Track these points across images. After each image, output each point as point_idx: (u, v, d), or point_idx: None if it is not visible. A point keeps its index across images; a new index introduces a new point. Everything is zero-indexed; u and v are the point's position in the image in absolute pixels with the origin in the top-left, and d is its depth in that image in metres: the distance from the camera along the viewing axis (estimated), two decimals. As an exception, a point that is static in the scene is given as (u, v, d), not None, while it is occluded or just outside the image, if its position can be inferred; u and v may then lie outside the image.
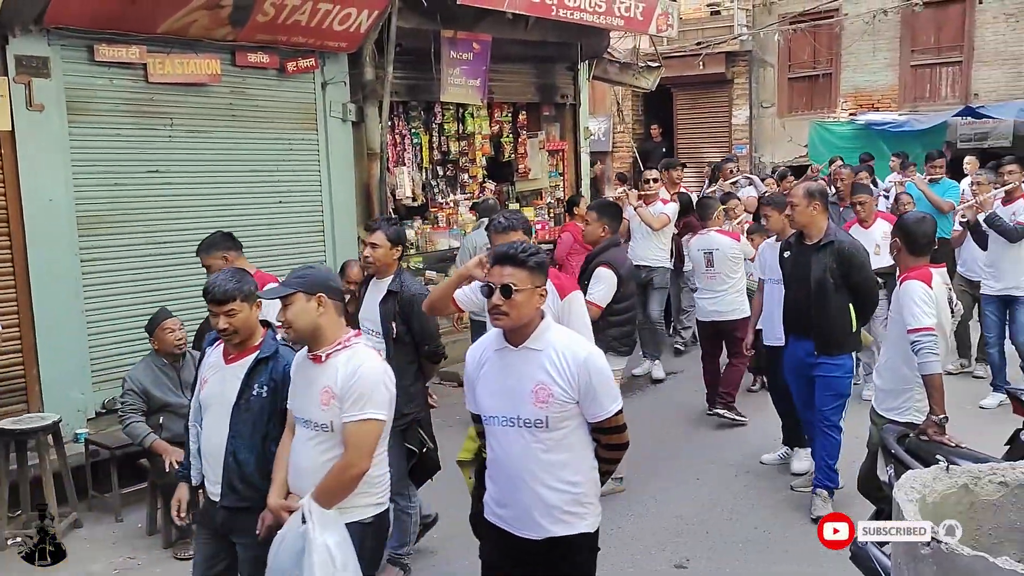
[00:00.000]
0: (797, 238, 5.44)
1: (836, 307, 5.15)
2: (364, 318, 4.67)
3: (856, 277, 5.15)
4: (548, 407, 2.97)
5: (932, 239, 4.56)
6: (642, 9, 9.17)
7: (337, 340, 3.21)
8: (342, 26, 7.19)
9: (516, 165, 10.32)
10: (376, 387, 3.14)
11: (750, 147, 17.06)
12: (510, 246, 3.06)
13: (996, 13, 14.36)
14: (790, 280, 5.47)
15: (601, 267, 5.56)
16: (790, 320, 5.49)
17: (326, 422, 3.14)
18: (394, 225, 4.70)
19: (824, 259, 5.16)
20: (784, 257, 5.55)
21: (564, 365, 2.97)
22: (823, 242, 5.20)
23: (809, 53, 16.54)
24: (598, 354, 3.08)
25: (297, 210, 7.54)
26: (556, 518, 3.03)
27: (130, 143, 6.47)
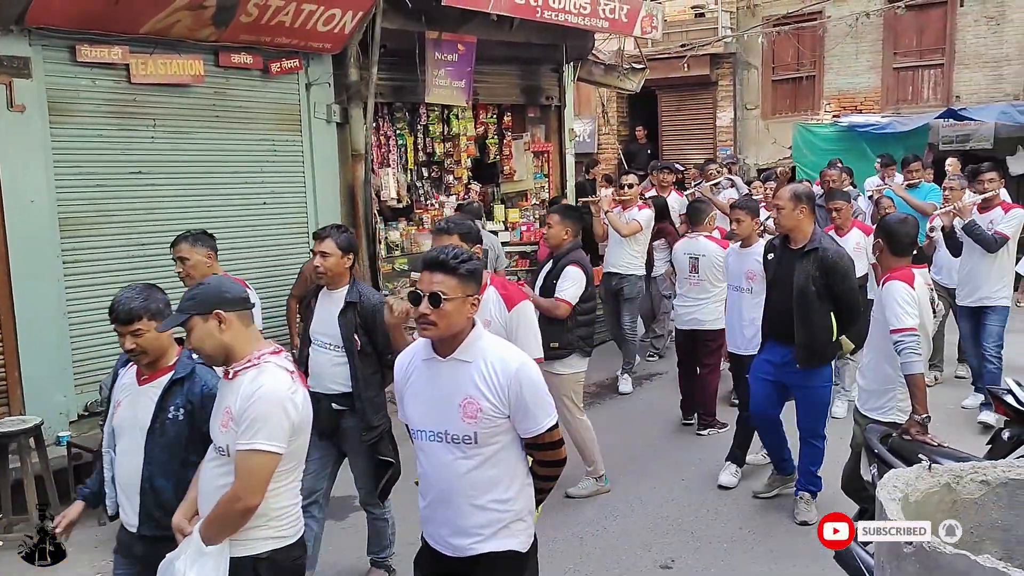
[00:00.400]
0: (782, 241, 5.35)
1: (819, 317, 5.05)
2: (319, 332, 4.50)
3: (840, 286, 5.04)
4: (477, 422, 2.83)
5: (914, 240, 4.60)
6: (626, 11, 9.19)
7: (248, 356, 2.96)
8: (326, 27, 7.16)
9: (501, 167, 10.32)
10: (273, 415, 2.83)
11: (734, 149, 17.11)
12: (441, 251, 2.90)
13: (977, 16, 14.47)
14: (773, 284, 5.38)
15: (571, 266, 5.60)
16: (771, 324, 5.38)
17: (223, 445, 2.91)
18: (344, 232, 4.53)
19: (808, 266, 5.05)
20: (768, 259, 5.45)
21: (494, 378, 2.82)
22: (808, 248, 5.10)
23: (793, 55, 16.63)
24: (531, 366, 2.91)
25: (281, 212, 7.51)
26: (485, 537, 2.89)
27: (112, 144, 6.43)
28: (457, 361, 2.87)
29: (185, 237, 4.88)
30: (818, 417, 5.30)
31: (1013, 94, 14.20)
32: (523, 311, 4.38)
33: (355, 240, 4.69)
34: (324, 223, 7.56)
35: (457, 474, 2.86)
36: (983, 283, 6.90)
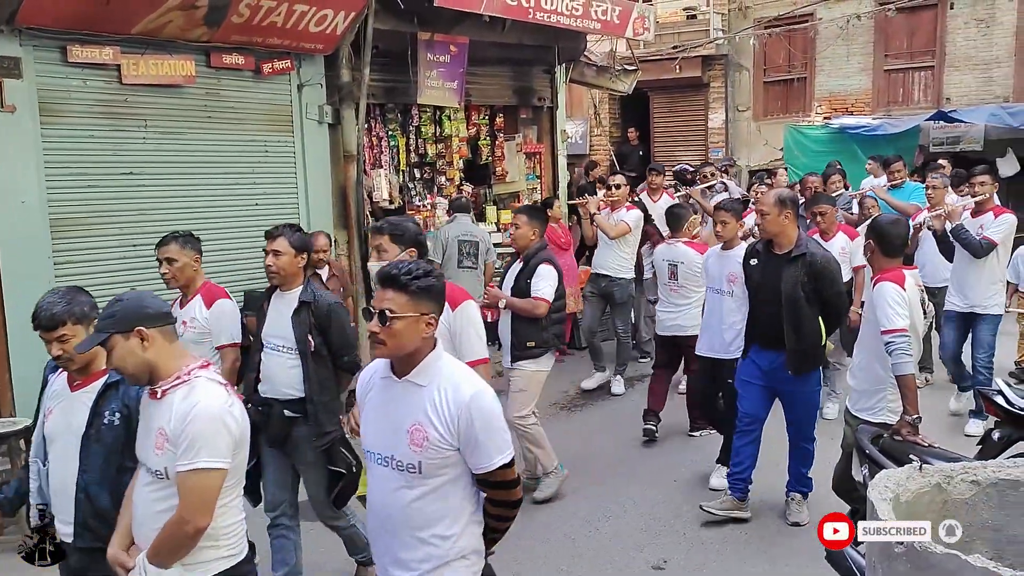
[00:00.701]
0: (766, 247, 5.23)
1: (808, 322, 5.00)
2: (272, 335, 4.37)
3: (828, 291, 5.01)
4: (423, 451, 2.64)
5: (906, 241, 4.63)
6: (619, 13, 9.21)
7: (175, 373, 2.79)
8: (318, 28, 7.16)
9: (493, 168, 10.33)
10: (213, 431, 2.70)
11: (726, 150, 17.15)
12: (394, 266, 2.72)
13: (967, 19, 14.54)
14: (758, 290, 5.25)
15: (543, 264, 5.62)
16: (758, 332, 5.27)
17: (160, 468, 2.74)
18: (297, 231, 4.42)
19: (795, 272, 4.97)
20: (751, 264, 5.32)
21: (445, 406, 2.63)
22: (794, 253, 5.02)
23: (784, 57, 16.67)
24: (487, 397, 2.68)
25: (273, 212, 7.48)
26: (423, 572, 2.70)
27: (104, 144, 6.42)
28: (411, 384, 2.70)
29: (175, 238, 4.74)
30: (808, 421, 5.28)
31: (1003, 96, 14.27)
32: (467, 311, 4.18)
33: (309, 240, 4.65)
34: (316, 224, 7.61)
35: (401, 503, 2.70)
36: (973, 289, 6.73)
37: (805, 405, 5.24)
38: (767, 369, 5.19)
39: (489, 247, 8.63)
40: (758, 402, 5.32)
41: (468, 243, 8.36)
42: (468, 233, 8.41)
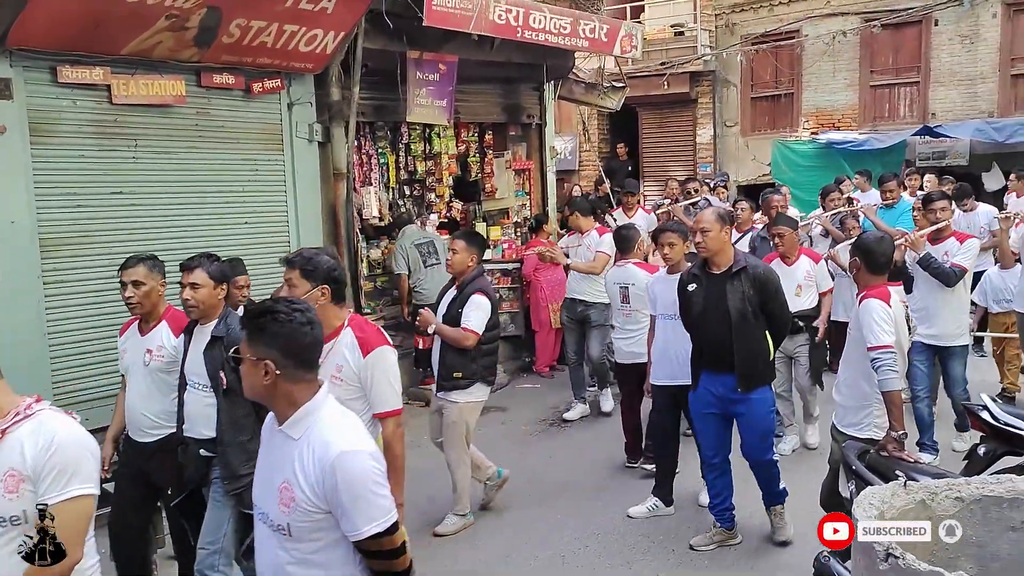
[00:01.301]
0: (703, 269, 5.07)
1: (757, 337, 4.94)
2: (190, 371, 4.22)
3: (773, 303, 4.94)
4: (291, 512, 2.43)
5: (891, 258, 4.67)
6: (606, 31, 9.28)
7: (12, 410, 2.56)
8: (308, 47, 7.20)
9: (483, 184, 10.37)
10: (80, 457, 2.52)
11: (714, 166, 17.25)
12: (261, 303, 2.58)
13: (951, 35, 14.71)
14: (702, 315, 5.02)
15: (476, 294, 5.46)
16: (707, 357, 5.08)
17: (17, 513, 2.49)
18: (216, 261, 4.25)
19: (740, 287, 4.87)
20: (689, 291, 5.10)
21: (311, 465, 2.41)
22: (735, 269, 4.92)
23: (771, 73, 16.81)
24: (356, 457, 2.42)
25: (263, 231, 7.50)
26: None
27: (94, 164, 6.42)
28: (285, 435, 2.51)
29: (141, 260, 4.49)
30: (765, 442, 5.13)
31: (987, 111, 14.42)
32: (380, 357, 3.73)
33: (228, 269, 4.46)
34: (306, 242, 7.62)
35: (278, 564, 2.51)
36: (941, 320, 6.34)
37: (758, 427, 5.07)
38: (721, 395, 5.03)
39: (444, 243, 8.74)
40: (720, 433, 5.20)
41: (424, 244, 8.76)
42: (420, 236, 8.86)
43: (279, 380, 2.46)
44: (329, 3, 6.84)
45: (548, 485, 6.46)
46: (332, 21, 7.09)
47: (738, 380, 4.92)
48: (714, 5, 17.03)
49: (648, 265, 6.68)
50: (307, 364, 2.52)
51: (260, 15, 6.60)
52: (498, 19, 7.99)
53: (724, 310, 4.87)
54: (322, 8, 6.84)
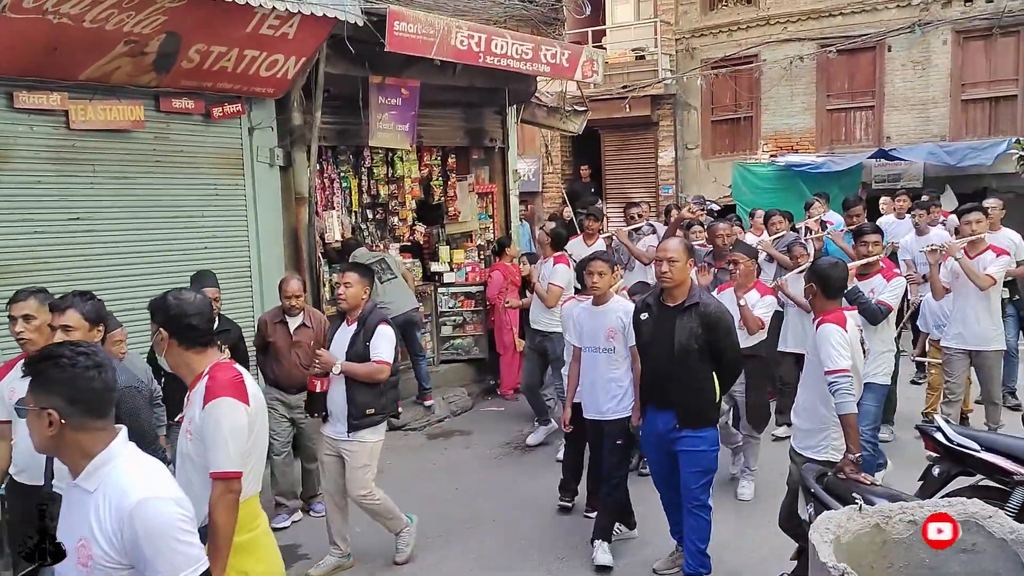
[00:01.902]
0: (657, 299, 4.91)
1: (701, 375, 4.74)
2: None
3: (723, 343, 4.75)
4: (91, 572, 2.28)
5: (845, 283, 4.78)
6: (568, 56, 9.37)
7: None
8: (269, 72, 7.19)
9: (446, 208, 10.39)
10: None
11: (676, 187, 17.44)
12: (43, 348, 2.44)
13: (904, 61, 15.03)
14: (650, 345, 4.89)
15: (382, 324, 5.31)
16: (650, 391, 4.95)
17: None
18: (90, 300, 3.96)
19: (689, 323, 4.71)
20: (642, 320, 4.97)
21: (107, 517, 2.25)
22: (687, 303, 4.75)
23: (731, 97, 17.05)
24: (158, 504, 2.25)
25: (223, 256, 7.45)
26: None
27: (51, 190, 6.36)
28: (80, 489, 2.33)
29: (34, 292, 4.21)
30: (704, 484, 4.85)
31: (940, 135, 14.74)
32: (217, 410, 3.17)
33: (103, 308, 4.08)
34: (267, 267, 7.60)
35: None
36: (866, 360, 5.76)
37: (697, 465, 4.81)
38: (664, 430, 4.86)
39: (396, 259, 9.04)
40: (667, 467, 4.99)
41: (376, 263, 8.65)
42: (371, 256, 8.76)
43: (65, 430, 2.29)
44: (290, 29, 6.84)
45: (512, 509, 6.45)
46: (293, 46, 7.10)
47: (676, 417, 4.77)
48: (674, 30, 17.26)
49: (580, 299, 6.22)
50: (96, 411, 2.34)
51: (220, 41, 6.60)
52: (460, 45, 8.04)
53: (669, 344, 4.73)
54: (283, 34, 6.85)
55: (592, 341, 5.50)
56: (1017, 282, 8.33)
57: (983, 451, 4.70)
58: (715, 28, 16.94)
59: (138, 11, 5.91)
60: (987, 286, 6.58)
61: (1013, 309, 8.31)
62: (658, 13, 17.35)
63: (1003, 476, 4.59)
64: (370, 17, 7.35)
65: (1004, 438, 4.89)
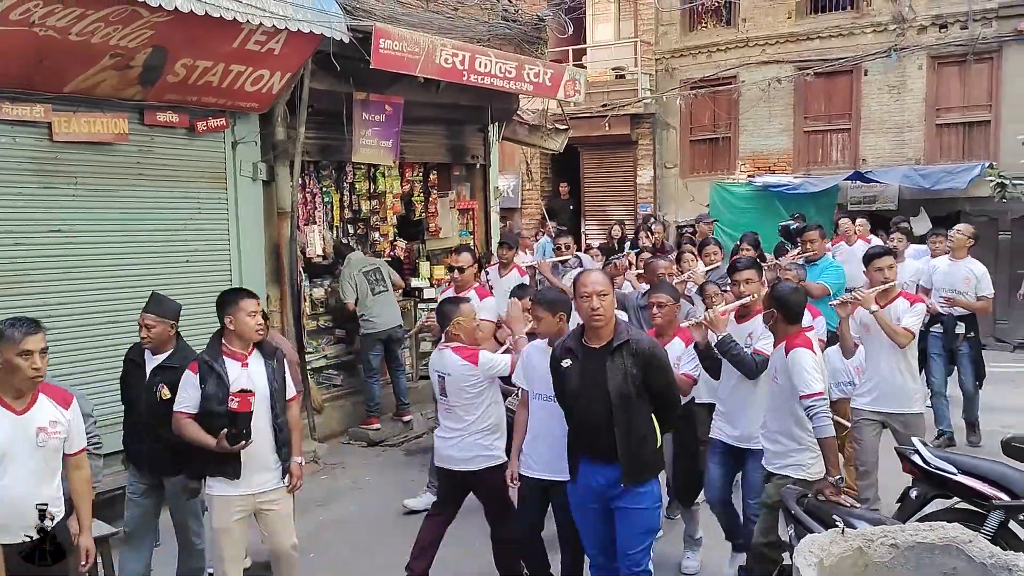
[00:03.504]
0: (579, 341, 4.28)
1: (643, 421, 4.18)
2: None
3: (660, 381, 4.20)
4: None
5: (804, 307, 4.86)
6: (550, 75, 9.44)
7: None
8: (254, 87, 7.20)
9: (427, 223, 10.43)
10: None
11: (654, 206, 17.55)
12: None
13: (880, 85, 15.25)
14: (579, 394, 4.21)
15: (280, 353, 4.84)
16: (583, 443, 4.28)
17: None
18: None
19: (622, 363, 4.12)
20: (563, 368, 4.27)
21: None
22: (616, 343, 4.16)
23: (709, 117, 17.21)
24: None
25: (205, 269, 7.43)
26: None
27: (32, 202, 6.31)
28: None
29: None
30: (645, 548, 4.30)
31: (915, 158, 14.94)
32: None
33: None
34: (248, 281, 7.58)
35: None
36: (745, 416, 5.12)
37: (639, 525, 4.26)
38: (602, 488, 4.25)
39: (389, 269, 8.95)
40: (603, 529, 4.38)
41: (371, 271, 8.70)
42: (367, 263, 8.79)
43: None
44: (276, 45, 6.86)
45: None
46: (279, 62, 7.12)
47: (622, 472, 4.15)
48: (654, 50, 17.41)
49: (466, 349, 5.17)
50: None
51: (206, 55, 6.60)
52: (444, 63, 8.09)
53: (604, 390, 4.11)
54: (269, 50, 6.87)
55: (542, 387, 4.68)
56: (977, 319, 8.10)
57: (960, 474, 4.78)
58: (695, 49, 17.10)
59: (125, 25, 5.91)
60: (906, 343, 5.66)
61: (967, 347, 7.95)
62: (638, 33, 17.51)
63: (980, 499, 4.66)
64: (355, 34, 7.38)
65: (981, 462, 4.96)
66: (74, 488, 4.01)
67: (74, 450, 4.00)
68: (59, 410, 3.90)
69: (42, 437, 3.77)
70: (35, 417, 3.79)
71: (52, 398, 3.91)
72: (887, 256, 5.96)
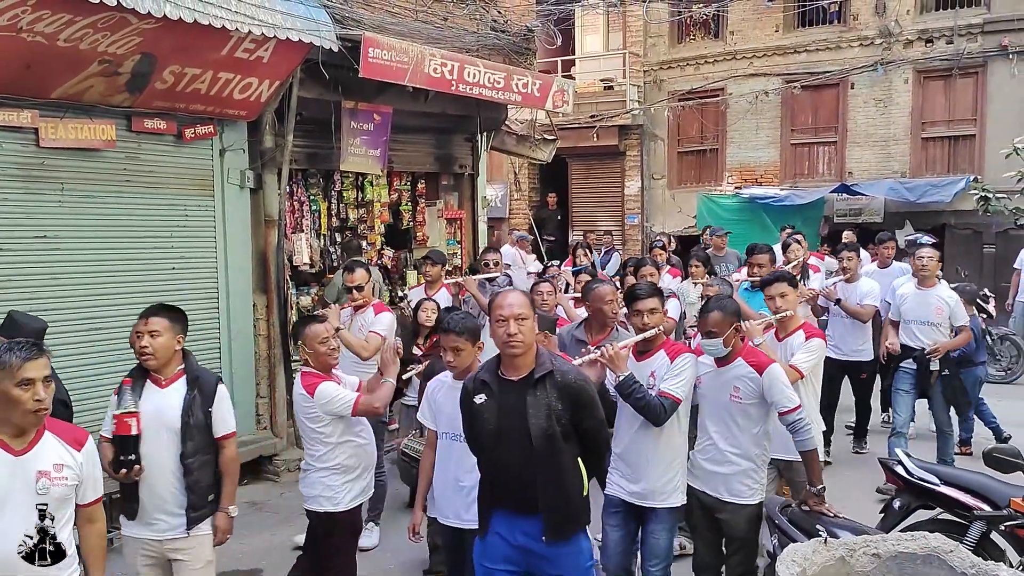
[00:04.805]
0: (494, 372, 3.71)
1: (568, 466, 3.61)
2: None
3: (588, 420, 3.62)
4: None
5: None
6: (539, 86, 9.47)
7: None
8: (242, 95, 7.20)
9: (414, 233, 10.42)
10: None
11: (642, 217, 17.63)
12: None
13: (866, 98, 15.39)
14: (495, 435, 3.64)
15: (220, 384, 4.26)
16: (499, 492, 3.70)
17: None
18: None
19: (545, 399, 3.55)
20: (476, 404, 3.70)
21: None
22: (538, 374, 3.59)
23: (697, 129, 17.33)
24: None
25: (191, 276, 7.41)
26: None
27: (17, 207, 6.28)
28: None
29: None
30: None
31: (900, 171, 15.08)
32: None
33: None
34: (235, 289, 7.58)
35: None
36: (648, 469, 4.39)
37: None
38: (520, 544, 3.65)
39: (382, 286, 8.71)
40: None
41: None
42: None
43: None
44: (265, 53, 6.87)
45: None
46: (267, 70, 7.12)
47: (544, 526, 3.57)
48: (642, 62, 17.52)
49: (314, 376, 4.64)
50: None
51: (195, 63, 6.60)
52: (433, 72, 8.10)
53: (523, 430, 3.55)
54: (258, 57, 6.87)
55: (452, 427, 4.18)
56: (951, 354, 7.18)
57: (942, 485, 4.81)
58: (682, 61, 17.23)
59: (113, 31, 5.90)
60: (792, 381, 4.68)
61: (940, 386, 7.19)
62: (627, 45, 17.61)
63: (962, 510, 4.69)
64: (345, 43, 7.40)
65: (963, 473, 5.00)
66: (86, 545, 3.43)
67: (87, 500, 3.40)
68: (68, 451, 3.31)
69: (43, 483, 3.19)
70: (36, 459, 3.22)
71: (60, 436, 3.33)
72: (779, 283, 5.41)
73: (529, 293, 3.87)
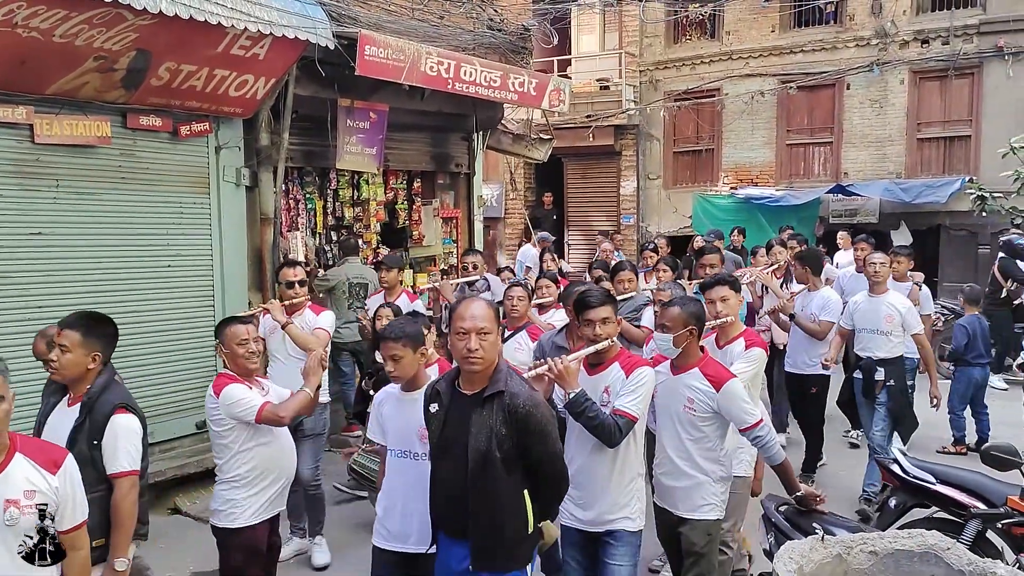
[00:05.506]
0: (451, 384, 3.53)
1: (505, 495, 3.34)
2: None
3: (537, 449, 3.35)
4: None
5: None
6: (535, 85, 9.46)
7: None
8: (238, 92, 7.18)
9: (410, 231, 10.40)
10: None
11: (637, 217, 17.63)
12: None
13: (862, 99, 15.41)
14: (440, 448, 3.47)
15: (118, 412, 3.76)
16: (443, 511, 3.50)
17: None
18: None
19: (489, 419, 3.33)
20: (431, 412, 3.54)
21: None
22: (488, 392, 3.37)
23: (693, 129, 17.33)
24: None
25: (186, 274, 7.38)
26: None
27: (13, 204, 6.26)
28: None
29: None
30: None
31: (895, 172, 15.10)
32: None
33: None
34: (230, 287, 7.56)
35: None
36: (602, 493, 4.05)
37: None
38: (457, 570, 3.45)
39: (376, 286, 8.51)
40: None
41: (358, 286, 8.51)
42: (359, 276, 8.60)
43: None
44: (261, 50, 6.85)
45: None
46: (263, 67, 7.10)
47: (472, 553, 3.37)
48: (638, 62, 17.53)
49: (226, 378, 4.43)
50: None
51: (191, 59, 6.58)
52: (429, 71, 8.09)
53: (463, 449, 3.35)
54: (254, 55, 6.85)
55: (400, 443, 3.95)
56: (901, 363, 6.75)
57: (938, 484, 4.81)
58: (678, 61, 17.23)
59: (109, 28, 5.88)
60: None
61: (885, 396, 6.63)
62: (623, 45, 17.62)
63: (957, 508, 4.70)
64: (341, 41, 7.38)
65: (958, 471, 5.00)
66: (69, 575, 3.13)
67: (65, 527, 3.07)
68: (42, 474, 3.00)
69: (11, 513, 2.87)
70: (3, 486, 2.91)
71: (32, 459, 3.02)
72: (719, 286, 5.13)
73: (495, 304, 3.59)
